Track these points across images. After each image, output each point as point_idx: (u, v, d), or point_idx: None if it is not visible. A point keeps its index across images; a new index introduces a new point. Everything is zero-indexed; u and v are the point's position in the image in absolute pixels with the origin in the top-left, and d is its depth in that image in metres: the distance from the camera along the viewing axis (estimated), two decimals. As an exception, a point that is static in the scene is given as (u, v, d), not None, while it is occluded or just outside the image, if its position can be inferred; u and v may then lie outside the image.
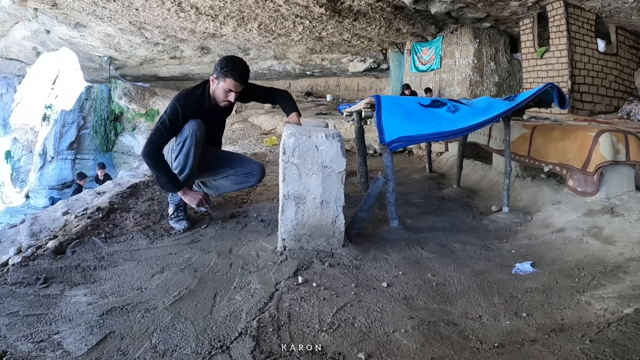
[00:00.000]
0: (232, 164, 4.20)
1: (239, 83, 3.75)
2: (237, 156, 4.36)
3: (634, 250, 3.23)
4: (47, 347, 2.03)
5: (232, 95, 3.80)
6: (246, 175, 4.16)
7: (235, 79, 3.71)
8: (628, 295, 2.53)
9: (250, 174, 4.15)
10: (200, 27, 13.56)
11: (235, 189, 4.34)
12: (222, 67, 3.71)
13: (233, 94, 3.79)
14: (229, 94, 3.79)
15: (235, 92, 3.78)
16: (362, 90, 22.45)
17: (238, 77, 3.72)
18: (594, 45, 10.49)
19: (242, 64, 3.78)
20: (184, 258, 3.16)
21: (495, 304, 2.60)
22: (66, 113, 21.76)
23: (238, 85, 3.76)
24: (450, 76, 13.19)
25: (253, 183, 4.24)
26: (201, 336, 2.14)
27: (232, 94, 3.79)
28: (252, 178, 4.17)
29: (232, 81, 3.72)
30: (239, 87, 3.77)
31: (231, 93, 3.79)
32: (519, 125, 5.25)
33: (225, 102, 3.87)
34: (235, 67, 3.71)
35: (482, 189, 5.70)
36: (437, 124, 3.99)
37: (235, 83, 3.73)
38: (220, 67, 3.71)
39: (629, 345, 1.94)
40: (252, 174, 4.15)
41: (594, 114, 10.26)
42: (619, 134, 4.14)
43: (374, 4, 10.53)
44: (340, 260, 3.15)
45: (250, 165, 4.20)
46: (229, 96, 3.80)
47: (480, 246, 3.66)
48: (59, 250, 3.20)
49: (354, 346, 2.09)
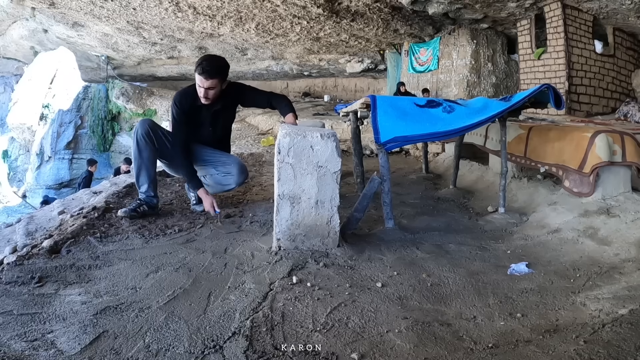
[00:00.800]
0: (214, 162, 4.28)
1: (204, 78, 3.83)
2: (221, 155, 4.37)
3: (630, 251, 3.23)
4: (40, 346, 2.02)
5: (202, 90, 3.92)
6: (225, 175, 4.23)
7: (200, 73, 3.82)
8: (623, 296, 2.52)
9: (229, 173, 4.22)
10: (198, 27, 13.56)
11: (219, 189, 4.37)
12: (196, 63, 3.89)
13: (202, 90, 3.92)
14: (200, 90, 3.93)
15: (203, 87, 3.89)
16: (360, 91, 22.47)
17: (202, 72, 3.81)
18: (592, 46, 10.53)
19: (209, 59, 3.92)
20: (179, 258, 3.15)
21: (490, 304, 2.59)
22: (63, 112, 21.76)
23: (204, 80, 3.84)
24: (447, 77, 13.22)
25: (232, 185, 4.29)
26: (194, 336, 2.13)
27: (202, 89, 3.91)
28: (230, 178, 4.23)
29: (197, 76, 3.86)
30: (204, 82, 3.85)
31: (201, 89, 3.92)
32: (516, 126, 5.25)
33: (204, 100, 3.99)
34: (201, 62, 3.83)
35: (478, 189, 5.70)
36: (433, 124, 3.99)
37: (200, 77, 3.85)
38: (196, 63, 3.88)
39: (623, 346, 1.93)
40: (231, 174, 4.21)
41: (591, 115, 10.29)
42: (615, 135, 4.13)
43: (372, 5, 10.55)
44: (335, 260, 3.14)
45: (230, 166, 4.25)
46: (200, 92, 3.95)
47: (476, 247, 3.66)
48: (54, 249, 3.18)
49: (348, 346, 2.08)
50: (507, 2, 10.04)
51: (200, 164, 4.29)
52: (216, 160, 4.28)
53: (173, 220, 4.06)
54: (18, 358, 1.92)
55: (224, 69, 3.99)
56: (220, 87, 4.02)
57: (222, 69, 3.97)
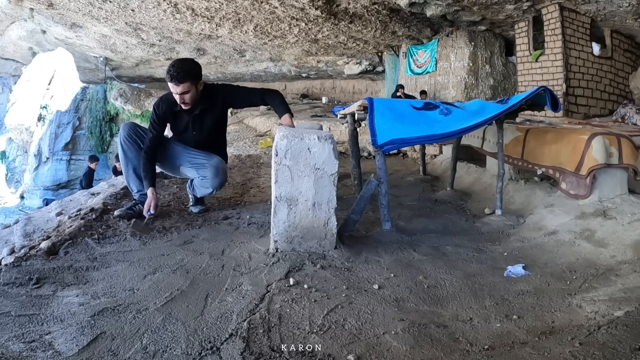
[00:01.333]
0: (195, 165, 4.26)
1: (174, 84, 3.79)
2: (202, 157, 4.28)
3: (626, 253, 3.25)
4: (38, 347, 2.03)
5: (178, 97, 3.89)
6: (202, 179, 4.21)
7: (169, 80, 3.79)
8: (619, 298, 2.54)
9: (205, 177, 4.18)
10: (196, 29, 13.55)
11: (205, 193, 4.35)
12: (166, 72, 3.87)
13: (178, 96, 3.88)
14: (176, 96, 3.90)
15: (178, 93, 3.85)
16: (358, 93, 22.45)
17: (171, 79, 3.78)
18: (589, 48, 10.53)
19: (176, 64, 3.83)
20: (177, 259, 3.16)
21: (486, 306, 2.60)
22: (61, 113, 21.74)
23: (174, 86, 3.81)
24: (445, 79, 13.22)
25: (210, 189, 4.25)
26: (192, 337, 2.14)
27: (177, 95, 3.88)
28: (206, 182, 4.20)
29: (169, 84, 3.83)
30: (175, 88, 3.82)
31: (176, 95, 3.88)
32: (513, 128, 5.26)
33: (183, 105, 3.99)
34: (169, 69, 3.79)
35: (475, 191, 5.71)
36: (430, 126, 4.00)
37: (171, 84, 3.82)
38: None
39: (618, 348, 1.94)
40: (207, 178, 4.17)
41: (588, 117, 10.29)
42: (612, 137, 4.15)
43: (370, 7, 10.55)
44: (332, 262, 3.15)
45: (206, 169, 4.19)
46: (177, 98, 3.92)
47: (473, 249, 3.67)
48: (51, 250, 3.20)
49: (344, 348, 2.09)
50: (504, 4, 10.04)
51: (186, 167, 4.29)
52: (197, 162, 4.24)
53: (171, 221, 4.07)
54: (16, 359, 1.93)
55: (194, 71, 3.92)
56: (196, 90, 3.96)
57: (191, 71, 3.89)
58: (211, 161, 4.19)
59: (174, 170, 4.39)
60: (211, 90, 4.15)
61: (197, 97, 4.00)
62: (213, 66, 20.52)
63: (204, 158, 4.23)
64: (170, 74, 3.76)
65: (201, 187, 4.26)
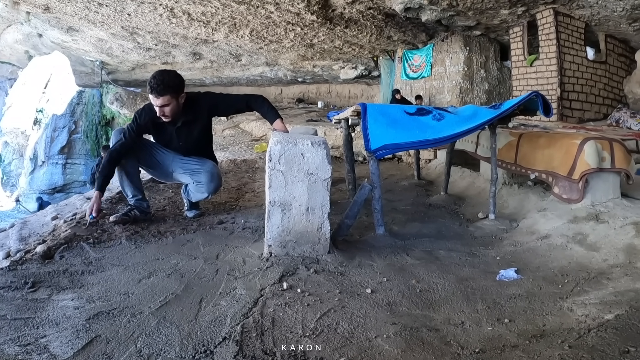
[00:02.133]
0: (189, 171, 4.28)
1: (154, 96, 3.78)
2: (195, 163, 4.31)
3: (618, 256, 3.27)
4: (33, 351, 2.04)
5: (158, 109, 3.88)
6: (197, 184, 4.24)
7: (150, 92, 3.79)
8: (610, 301, 2.55)
9: (200, 182, 4.21)
10: (192, 33, 13.57)
11: (200, 198, 4.38)
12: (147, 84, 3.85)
13: (158, 109, 3.87)
14: (157, 108, 3.88)
15: (158, 105, 3.84)
16: (354, 97, 22.48)
17: (151, 91, 3.77)
18: (584, 53, 10.60)
19: (157, 76, 3.81)
20: (171, 264, 3.18)
21: (478, 310, 2.62)
22: (57, 117, 21.75)
23: (155, 99, 3.80)
24: (440, 83, 13.27)
25: (205, 194, 4.27)
26: (185, 341, 2.16)
27: (158, 108, 3.86)
28: (202, 187, 4.23)
29: (150, 96, 3.83)
30: (156, 100, 3.80)
31: (156, 107, 3.87)
32: (506, 133, 5.29)
33: (163, 117, 3.97)
34: (150, 81, 3.78)
35: (469, 196, 5.74)
36: (423, 131, 4.03)
37: (151, 97, 3.82)
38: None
39: (607, 351, 1.97)
40: (202, 183, 4.21)
41: (583, 122, 10.35)
42: (604, 142, 4.18)
43: (365, 12, 10.60)
44: (325, 266, 3.17)
45: (200, 174, 4.23)
46: (159, 112, 3.90)
47: (466, 253, 3.69)
48: (47, 254, 3.21)
49: (336, 351, 2.10)
50: (499, 9, 10.10)
51: (179, 173, 4.31)
52: (190, 169, 4.26)
53: (166, 226, 4.09)
54: (11, 362, 1.94)
55: (175, 83, 3.89)
56: (177, 103, 3.93)
57: (173, 83, 3.86)
58: (205, 166, 4.23)
59: (166, 177, 4.40)
60: (193, 100, 4.12)
61: (179, 109, 3.98)
62: (209, 70, 20.53)
63: (197, 164, 4.25)
64: (150, 85, 3.76)
65: (196, 192, 4.28)
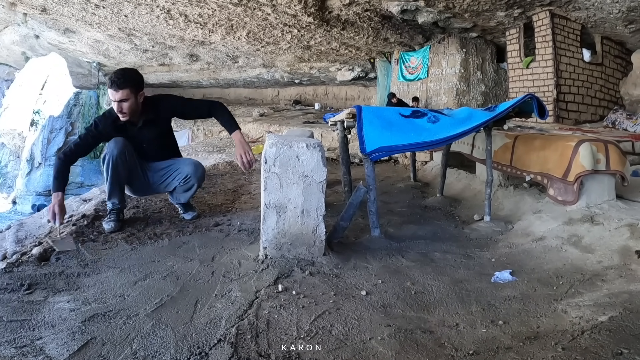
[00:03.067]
0: (172, 174, 4.29)
1: (114, 90, 3.73)
2: (172, 163, 4.33)
3: (613, 258, 3.28)
4: (29, 352, 2.05)
5: (116, 105, 3.80)
6: (185, 181, 4.25)
7: (110, 86, 3.75)
8: (604, 303, 2.57)
9: (186, 176, 4.23)
10: (189, 35, 13.60)
11: (190, 195, 4.38)
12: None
13: (116, 104, 3.80)
14: (114, 104, 3.82)
15: (116, 100, 3.78)
16: (350, 99, 22.52)
17: (111, 84, 3.73)
18: (580, 55, 10.63)
19: (118, 71, 3.81)
20: (167, 266, 3.18)
21: (472, 312, 2.63)
22: (54, 119, 21.74)
23: (114, 93, 3.74)
24: (437, 85, 13.30)
25: (194, 183, 4.29)
26: (181, 343, 2.17)
27: (115, 104, 3.80)
28: (191, 180, 4.25)
29: (109, 90, 3.79)
30: (115, 94, 3.74)
31: (114, 103, 3.81)
32: (502, 135, 5.31)
33: (121, 116, 3.87)
34: (111, 75, 3.77)
35: (465, 197, 5.76)
36: (418, 134, 4.05)
37: (110, 91, 3.76)
38: None
39: (600, 353, 1.98)
40: (189, 175, 4.23)
41: (579, 123, 10.38)
42: (599, 144, 4.19)
43: (362, 14, 10.62)
44: (320, 268, 3.18)
45: (184, 168, 4.26)
46: (115, 106, 3.83)
47: (461, 255, 3.70)
48: (43, 256, 3.22)
49: (331, 353, 2.12)
50: (495, 11, 10.13)
51: (160, 181, 4.31)
52: (171, 171, 4.28)
53: (162, 228, 4.09)
54: (7, 364, 1.95)
55: (135, 79, 3.87)
56: (136, 100, 3.87)
57: (132, 78, 3.85)
58: (182, 161, 4.35)
59: (145, 189, 4.37)
60: (154, 101, 4.10)
61: (138, 108, 3.95)
62: (206, 72, 20.57)
63: (173, 163, 4.32)
64: (110, 79, 3.74)
65: (185, 190, 4.30)
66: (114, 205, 4.07)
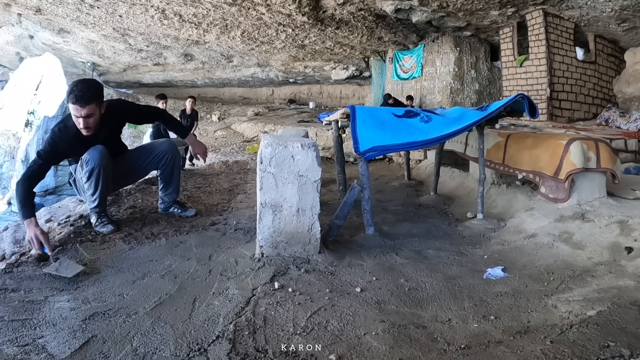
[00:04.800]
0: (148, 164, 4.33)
1: (79, 106, 3.55)
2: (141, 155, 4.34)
3: (603, 254, 3.35)
4: (31, 351, 2.09)
5: (82, 121, 3.61)
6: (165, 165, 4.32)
7: (74, 102, 3.54)
8: (593, 298, 2.63)
9: (161, 160, 4.30)
10: (184, 35, 13.60)
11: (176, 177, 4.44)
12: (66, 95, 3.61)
13: (81, 120, 3.61)
14: (79, 120, 3.62)
15: (81, 117, 3.59)
16: (345, 98, 22.53)
17: (76, 100, 3.53)
18: (573, 53, 10.66)
19: (81, 86, 3.60)
20: (165, 265, 3.23)
21: (465, 307, 2.69)
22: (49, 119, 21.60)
23: (79, 109, 3.56)
24: (431, 84, 13.33)
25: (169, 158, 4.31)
26: (180, 339, 2.22)
27: (80, 119, 3.61)
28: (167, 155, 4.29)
29: (72, 106, 3.58)
30: (80, 110, 3.56)
31: (79, 119, 3.62)
32: (494, 134, 5.36)
33: (85, 131, 3.70)
34: (72, 90, 3.54)
35: (458, 195, 5.81)
36: (411, 133, 4.10)
37: (75, 107, 3.56)
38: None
39: (587, 346, 2.03)
40: (165, 152, 4.28)
41: (572, 121, 10.42)
42: (590, 142, 4.26)
43: (356, 13, 10.64)
44: (316, 266, 3.23)
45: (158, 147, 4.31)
46: (79, 123, 3.64)
47: (454, 252, 3.76)
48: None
49: (326, 348, 2.17)
50: (489, 10, 10.16)
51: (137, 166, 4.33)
52: (146, 162, 4.33)
53: (159, 227, 4.12)
54: (10, 362, 1.99)
55: (98, 91, 3.72)
56: (99, 113, 3.72)
57: (97, 92, 3.69)
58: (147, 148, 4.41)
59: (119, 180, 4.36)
60: (107, 108, 3.89)
61: (99, 119, 3.77)
62: (200, 71, 20.56)
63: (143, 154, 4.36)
64: (74, 95, 3.52)
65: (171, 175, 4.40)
66: (101, 209, 4.01)
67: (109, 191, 4.15)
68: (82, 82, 3.67)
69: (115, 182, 4.24)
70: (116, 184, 4.36)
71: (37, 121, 21.33)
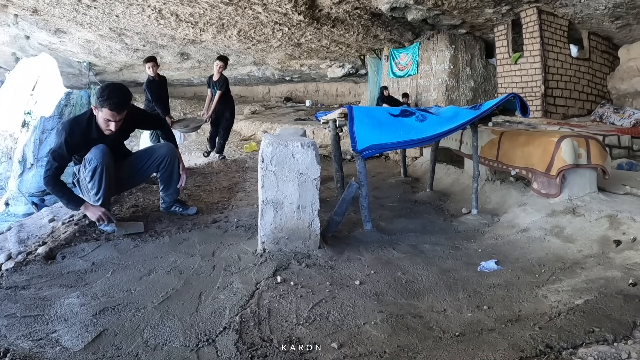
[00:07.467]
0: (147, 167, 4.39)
1: (117, 112, 3.75)
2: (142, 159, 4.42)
3: (592, 247, 3.47)
4: (46, 344, 2.19)
5: (112, 124, 3.81)
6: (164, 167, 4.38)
7: (112, 109, 3.71)
8: (581, 288, 2.75)
9: (161, 163, 4.37)
10: (180, 34, 13.66)
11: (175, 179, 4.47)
12: (99, 97, 3.73)
13: (113, 124, 3.80)
14: (109, 123, 3.80)
15: (114, 121, 3.79)
16: (341, 96, 22.55)
17: (115, 107, 3.71)
18: (567, 50, 10.76)
19: (119, 93, 3.78)
20: (170, 261, 3.33)
21: (459, 298, 2.80)
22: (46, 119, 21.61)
23: (116, 115, 3.75)
24: (427, 81, 13.40)
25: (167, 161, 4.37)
26: (189, 331, 2.33)
27: (112, 123, 3.80)
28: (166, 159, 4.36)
29: (108, 111, 3.72)
30: (117, 116, 3.76)
31: (110, 122, 3.79)
32: (488, 131, 5.47)
33: (108, 131, 3.87)
34: (110, 96, 3.70)
35: (454, 192, 5.91)
36: (406, 132, 4.21)
37: (112, 113, 3.73)
38: (98, 96, 3.75)
39: (574, 331, 2.15)
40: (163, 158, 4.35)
41: (567, 118, 10.52)
42: (581, 139, 4.36)
43: (352, 11, 10.73)
44: (316, 261, 3.34)
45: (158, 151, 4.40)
46: (109, 125, 3.82)
47: (449, 246, 3.88)
48: (49, 255, 3.34)
49: (328, 337, 2.29)
50: (484, 8, 10.26)
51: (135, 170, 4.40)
52: (146, 165, 4.40)
53: (162, 225, 4.21)
54: (27, 355, 2.09)
55: (131, 98, 3.94)
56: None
57: (130, 98, 3.92)
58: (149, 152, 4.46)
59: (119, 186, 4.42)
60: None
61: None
62: (197, 70, 20.58)
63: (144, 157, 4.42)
64: (114, 102, 3.71)
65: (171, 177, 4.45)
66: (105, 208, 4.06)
67: (112, 192, 4.21)
68: (118, 88, 3.83)
69: (116, 186, 4.28)
70: (117, 188, 4.42)
71: (34, 121, 21.32)
